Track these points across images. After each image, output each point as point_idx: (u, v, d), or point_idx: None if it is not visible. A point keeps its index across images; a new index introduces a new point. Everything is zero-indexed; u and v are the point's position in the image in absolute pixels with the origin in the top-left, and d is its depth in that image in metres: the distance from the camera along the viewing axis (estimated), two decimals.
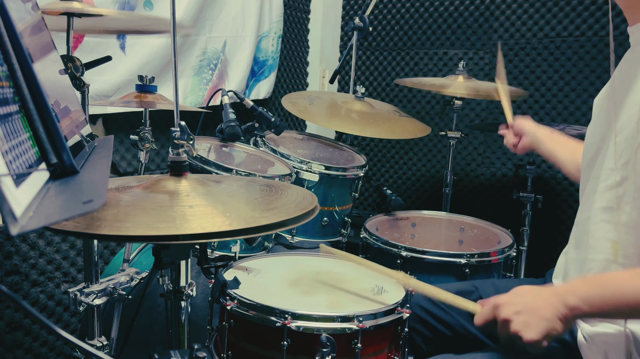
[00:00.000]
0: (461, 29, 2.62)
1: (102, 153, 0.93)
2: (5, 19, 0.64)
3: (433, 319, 1.31)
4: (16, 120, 0.61)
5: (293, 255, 1.47)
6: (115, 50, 1.80)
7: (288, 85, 2.86)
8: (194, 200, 0.88)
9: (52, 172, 0.68)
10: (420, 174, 2.84)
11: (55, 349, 1.79)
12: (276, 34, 2.59)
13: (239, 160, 1.75)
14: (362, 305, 1.13)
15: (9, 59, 0.63)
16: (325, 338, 1.01)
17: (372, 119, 2.08)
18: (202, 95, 2.19)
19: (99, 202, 0.60)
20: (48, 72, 0.85)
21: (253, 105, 1.81)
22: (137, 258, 1.59)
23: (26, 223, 0.51)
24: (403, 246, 1.63)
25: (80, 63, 1.21)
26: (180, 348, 1.05)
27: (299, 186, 1.77)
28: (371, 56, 2.91)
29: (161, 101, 1.47)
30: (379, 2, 2.82)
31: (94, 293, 1.23)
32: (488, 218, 1.97)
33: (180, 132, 0.95)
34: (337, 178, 1.84)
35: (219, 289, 1.10)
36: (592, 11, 2.31)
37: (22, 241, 1.66)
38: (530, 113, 2.49)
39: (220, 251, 1.56)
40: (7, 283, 1.62)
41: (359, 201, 3.01)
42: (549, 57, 2.40)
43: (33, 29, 0.82)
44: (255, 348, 1.08)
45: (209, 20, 2.17)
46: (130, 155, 1.98)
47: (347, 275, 1.30)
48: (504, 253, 1.66)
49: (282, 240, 1.81)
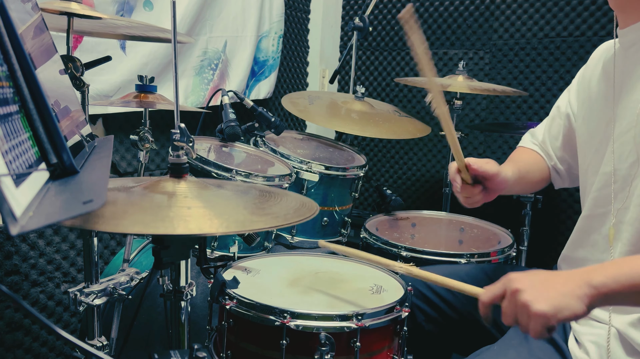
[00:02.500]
0: (461, 29, 2.62)
1: (102, 153, 0.93)
2: (5, 19, 0.64)
3: (439, 299, 1.31)
4: (16, 120, 0.61)
5: (293, 254, 1.47)
6: (115, 50, 1.80)
7: (288, 85, 2.86)
8: (191, 201, 0.88)
9: (52, 172, 0.68)
10: (420, 174, 2.84)
11: (55, 349, 1.79)
12: (277, 34, 2.59)
13: (239, 160, 1.75)
14: (361, 304, 1.13)
15: (9, 58, 0.63)
16: (325, 337, 1.01)
17: (372, 119, 2.08)
18: (204, 95, 2.19)
19: (99, 202, 0.60)
20: (48, 72, 0.85)
21: (253, 105, 1.81)
22: (137, 258, 1.60)
23: (26, 223, 0.51)
24: (403, 246, 1.63)
25: (80, 64, 1.22)
26: (180, 348, 1.05)
27: (299, 186, 1.77)
28: (371, 56, 2.91)
29: (161, 101, 1.48)
30: (379, 2, 2.82)
31: (94, 293, 1.23)
32: (488, 218, 1.98)
33: (180, 134, 0.95)
34: (337, 178, 1.84)
35: (218, 289, 1.10)
36: (592, 11, 2.31)
37: (22, 241, 1.66)
38: (530, 113, 2.50)
39: (220, 251, 1.56)
40: (7, 283, 1.62)
41: (359, 201, 3.01)
42: (549, 57, 2.40)
43: (34, 30, 0.83)
44: (255, 347, 1.09)
45: (210, 20, 2.18)
46: (130, 155, 1.98)
47: (346, 275, 1.30)
48: (504, 253, 1.66)
49: (282, 240, 1.82)
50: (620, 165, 1.08)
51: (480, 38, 2.58)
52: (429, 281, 1.10)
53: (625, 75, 1.10)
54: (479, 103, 2.62)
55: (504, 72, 2.53)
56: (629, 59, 1.11)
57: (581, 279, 0.88)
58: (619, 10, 1.11)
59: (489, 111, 2.61)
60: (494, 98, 2.57)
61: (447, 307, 1.31)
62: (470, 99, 2.62)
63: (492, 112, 2.60)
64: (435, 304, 1.32)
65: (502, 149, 2.59)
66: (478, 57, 2.60)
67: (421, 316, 1.33)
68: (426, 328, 1.33)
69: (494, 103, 2.58)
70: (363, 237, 1.78)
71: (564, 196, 2.44)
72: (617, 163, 1.08)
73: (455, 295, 1.31)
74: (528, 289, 0.88)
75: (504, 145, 2.58)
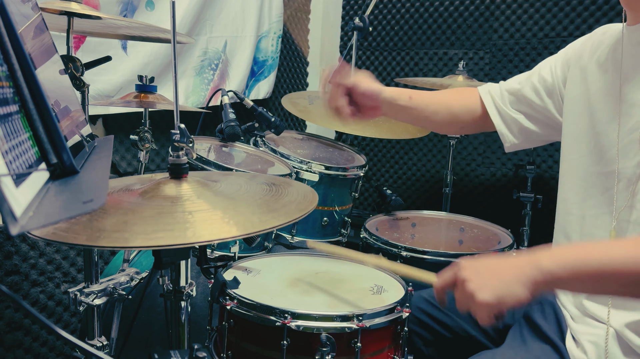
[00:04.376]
0: (461, 29, 2.62)
1: (102, 153, 0.93)
2: (5, 19, 0.64)
3: (433, 322, 1.31)
4: (16, 120, 0.61)
5: (293, 254, 1.47)
6: (117, 50, 1.81)
7: (288, 85, 2.86)
8: (193, 205, 0.88)
9: (52, 172, 0.68)
10: (420, 174, 2.84)
11: (55, 349, 1.79)
12: (276, 34, 2.59)
13: (239, 160, 1.75)
14: (362, 304, 1.13)
15: (9, 58, 0.63)
16: (325, 338, 1.01)
17: (372, 119, 2.08)
18: (204, 95, 2.19)
19: (99, 202, 0.60)
20: (48, 72, 0.85)
21: (253, 105, 1.81)
22: (137, 258, 1.60)
23: (26, 223, 0.51)
24: (403, 246, 1.63)
25: (81, 64, 1.22)
26: (180, 348, 1.05)
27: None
28: (371, 56, 2.91)
29: (161, 101, 1.48)
30: (379, 2, 2.82)
31: (94, 293, 1.23)
32: (488, 218, 1.97)
33: (180, 134, 0.95)
34: (337, 178, 1.84)
35: (219, 289, 1.10)
36: (592, 11, 2.31)
37: (22, 241, 1.66)
38: None
39: (220, 251, 1.56)
40: (7, 283, 1.62)
41: (359, 201, 3.01)
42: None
43: (34, 30, 0.82)
44: (255, 347, 1.08)
45: (210, 20, 2.18)
46: (130, 155, 1.98)
47: (347, 275, 1.30)
48: (504, 253, 1.66)
49: (282, 240, 1.81)
50: (624, 164, 1.07)
51: (480, 38, 2.58)
52: (394, 272, 1.18)
53: (633, 72, 1.09)
54: None
55: (504, 72, 2.53)
56: (637, 55, 1.10)
57: (527, 264, 0.90)
58: (630, 7, 1.11)
59: None
60: None
61: (440, 328, 1.30)
62: None
63: None
64: (430, 327, 1.31)
65: (502, 149, 2.58)
66: (478, 57, 2.60)
67: (419, 340, 1.32)
68: (426, 353, 1.32)
69: None
70: (363, 237, 1.77)
71: None
72: (623, 162, 1.07)
73: (446, 314, 1.30)
74: (474, 278, 0.91)
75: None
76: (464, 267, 0.94)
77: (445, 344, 1.31)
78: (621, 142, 1.08)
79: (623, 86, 1.10)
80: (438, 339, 1.31)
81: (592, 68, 1.18)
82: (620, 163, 1.08)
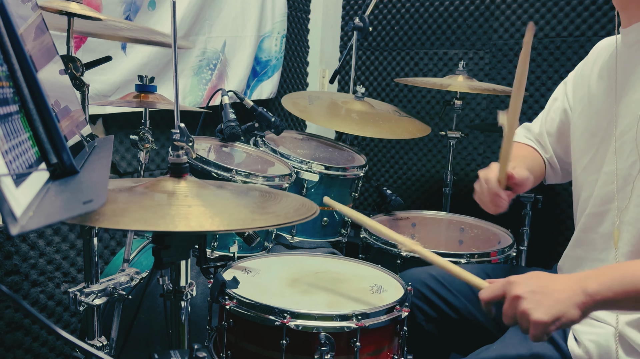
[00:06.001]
0: (461, 29, 2.62)
1: (102, 153, 0.93)
2: (5, 19, 0.64)
3: (439, 300, 1.31)
4: (16, 120, 0.61)
5: (292, 254, 1.47)
6: (116, 50, 1.81)
7: (288, 85, 2.86)
8: (192, 200, 0.89)
9: (52, 172, 0.68)
10: (420, 174, 2.84)
11: (55, 349, 1.79)
12: (279, 34, 2.58)
13: (239, 160, 1.75)
14: (361, 304, 1.13)
15: (9, 58, 0.63)
16: (324, 337, 1.01)
17: (372, 119, 2.08)
18: (201, 95, 2.19)
19: (99, 202, 0.60)
20: (48, 72, 0.85)
21: (253, 105, 1.81)
22: (137, 258, 1.60)
23: (26, 223, 0.51)
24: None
25: (81, 64, 1.22)
26: (180, 348, 1.05)
27: (299, 186, 1.77)
28: (371, 56, 2.91)
29: (161, 101, 1.48)
30: (379, 2, 2.82)
31: (94, 293, 1.23)
32: (488, 218, 1.97)
33: (180, 134, 0.95)
34: (337, 178, 1.84)
35: (218, 289, 1.10)
36: (592, 11, 2.31)
37: (22, 241, 1.66)
38: (530, 114, 2.49)
39: (220, 251, 1.56)
40: (7, 283, 1.62)
41: (359, 201, 3.01)
42: (549, 57, 2.40)
43: (35, 30, 0.83)
44: (255, 347, 1.09)
45: (209, 20, 2.17)
46: (130, 155, 1.98)
47: (346, 274, 1.30)
48: (504, 253, 1.66)
49: (282, 240, 1.81)
50: (621, 164, 1.08)
51: (480, 38, 2.58)
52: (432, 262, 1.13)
53: (627, 74, 1.10)
54: (479, 103, 2.62)
55: (504, 72, 2.53)
56: (631, 57, 1.10)
57: (577, 285, 0.92)
58: (622, 9, 1.12)
59: (489, 111, 2.61)
60: (494, 98, 2.57)
61: (447, 307, 1.31)
62: (470, 99, 2.62)
63: (492, 112, 2.59)
64: (435, 304, 1.32)
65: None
66: (478, 57, 2.60)
67: (421, 316, 1.33)
68: (426, 328, 1.33)
69: (494, 103, 2.58)
70: (363, 237, 1.77)
71: (564, 196, 2.44)
72: (619, 162, 1.08)
73: (455, 294, 1.31)
74: (528, 296, 0.92)
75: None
76: (517, 284, 0.94)
77: (448, 324, 1.31)
78: (617, 143, 1.09)
79: (619, 88, 1.11)
80: (442, 317, 1.32)
81: (593, 79, 1.22)
82: (618, 164, 1.08)
